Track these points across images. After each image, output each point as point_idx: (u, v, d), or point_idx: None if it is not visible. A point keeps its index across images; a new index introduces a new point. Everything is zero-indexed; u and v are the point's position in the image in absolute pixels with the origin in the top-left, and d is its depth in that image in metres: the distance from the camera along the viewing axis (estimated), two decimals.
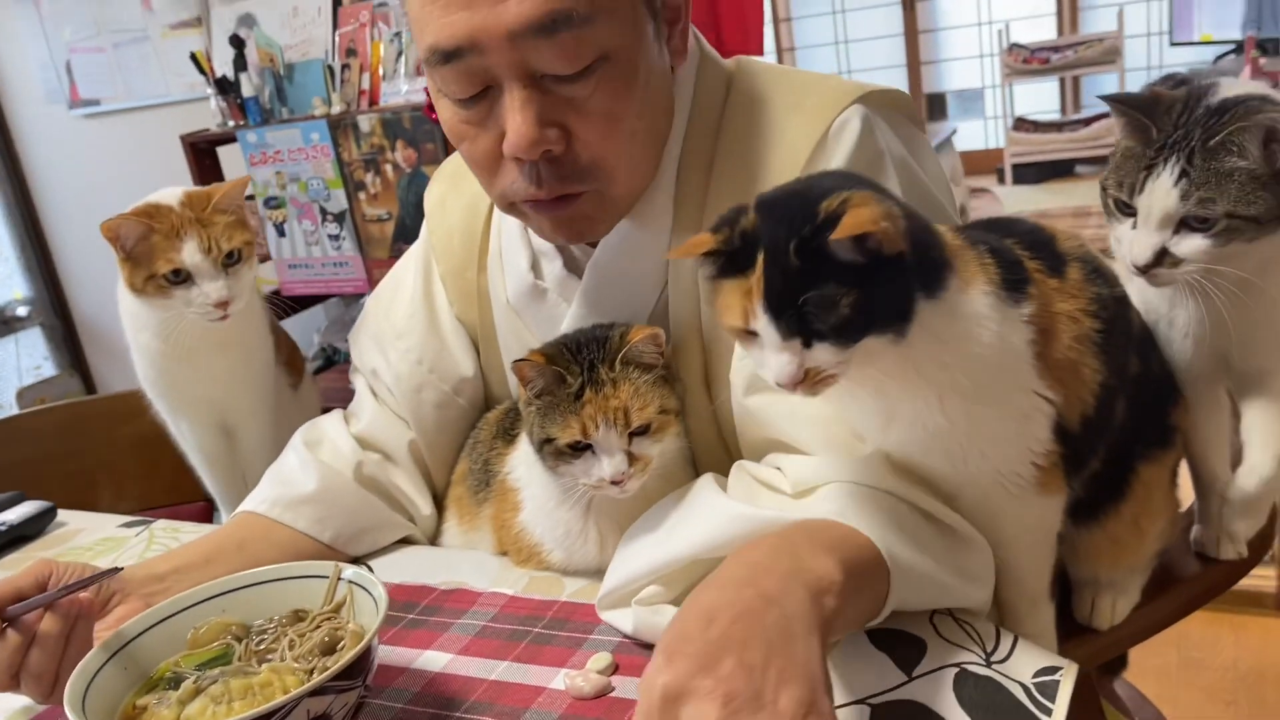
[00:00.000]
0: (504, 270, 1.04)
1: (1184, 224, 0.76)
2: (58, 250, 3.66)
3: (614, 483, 0.86)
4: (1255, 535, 1.01)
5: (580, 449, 0.87)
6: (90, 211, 3.49)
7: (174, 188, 1.26)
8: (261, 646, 0.80)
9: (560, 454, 0.88)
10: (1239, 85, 0.77)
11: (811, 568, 0.66)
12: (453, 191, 1.11)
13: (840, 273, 0.65)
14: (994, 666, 0.75)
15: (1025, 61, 6.00)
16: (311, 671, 0.74)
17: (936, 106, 6.76)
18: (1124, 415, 0.83)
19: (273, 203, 2.42)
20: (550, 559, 0.95)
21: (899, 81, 6.70)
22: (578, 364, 0.88)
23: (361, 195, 2.29)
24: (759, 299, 0.66)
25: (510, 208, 0.91)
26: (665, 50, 0.90)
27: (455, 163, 1.12)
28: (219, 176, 2.61)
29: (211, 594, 0.83)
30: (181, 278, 1.22)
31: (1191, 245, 0.76)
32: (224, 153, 2.62)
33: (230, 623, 0.82)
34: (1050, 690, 0.73)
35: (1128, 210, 0.79)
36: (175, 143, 2.63)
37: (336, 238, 2.37)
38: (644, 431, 0.87)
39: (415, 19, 0.84)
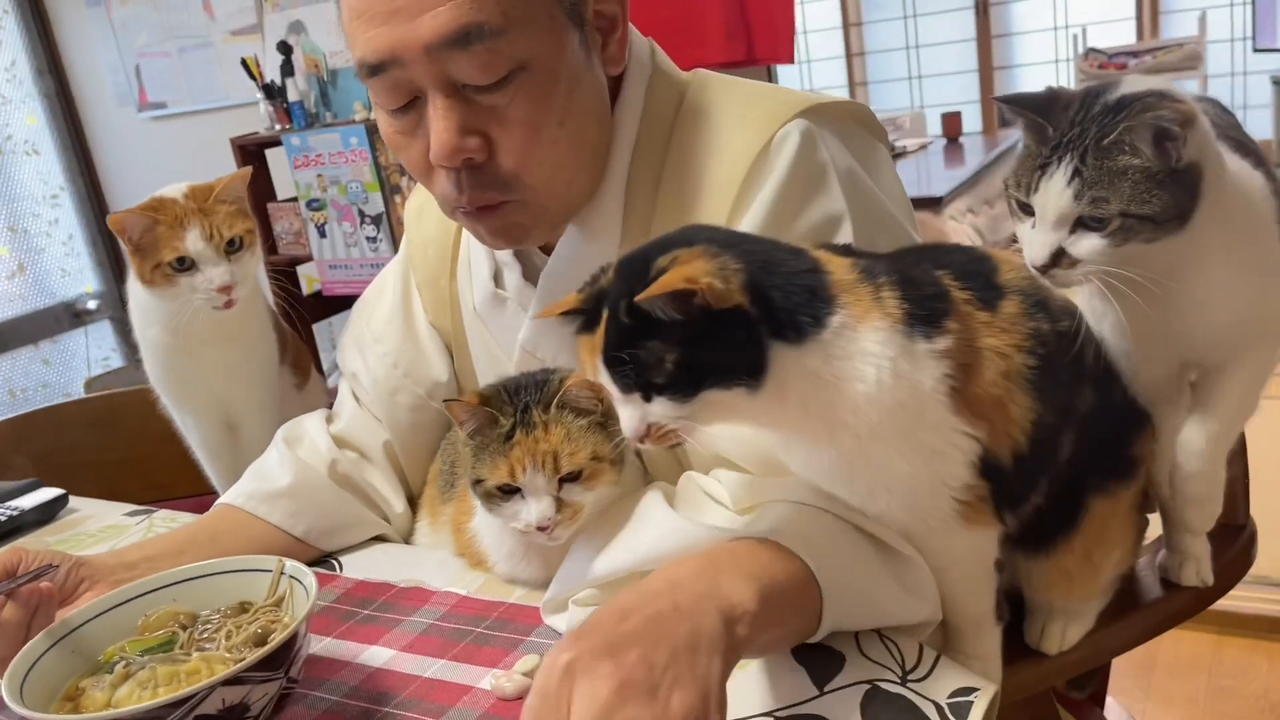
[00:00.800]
0: (471, 279, 1.07)
1: (1080, 224, 0.73)
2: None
3: (540, 529, 0.85)
4: (1230, 561, 0.99)
5: (509, 491, 0.86)
6: None
7: (181, 183, 1.31)
8: (204, 635, 0.83)
9: (490, 495, 0.87)
10: (1140, 82, 0.74)
11: (728, 594, 0.67)
12: (429, 203, 1.14)
13: (665, 330, 0.65)
14: (909, 685, 0.75)
15: (1101, 67, 5.84)
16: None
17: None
18: (1073, 449, 0.80)
19: (314, 204, 2.48)
20: (496, 570, 0.97)
21: (971, 87, 6.59)
22: (512, 405, 0.87)
23: (397, 198, 2.34)
24: (599, 355, 0.68)
25: (451, 215, 0.94)
26: (597, 59, 0.91)
27: None
28: (266, 178, 2.69)
29: (162, 584, 0.87)
30: (186, 265, 1.27)
31: (1088, 245, 0.73)
32: (271, 155, 2.70)
33: (179, 611, 0.86)
34: (963, 710, 0.72)
35: (1027, 210, 0.77)
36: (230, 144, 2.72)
37: (374, 239, 2.42)
38: (575, 478, 0.85)
39: (347, 35, 0.87)
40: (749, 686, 0.76)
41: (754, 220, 0.88)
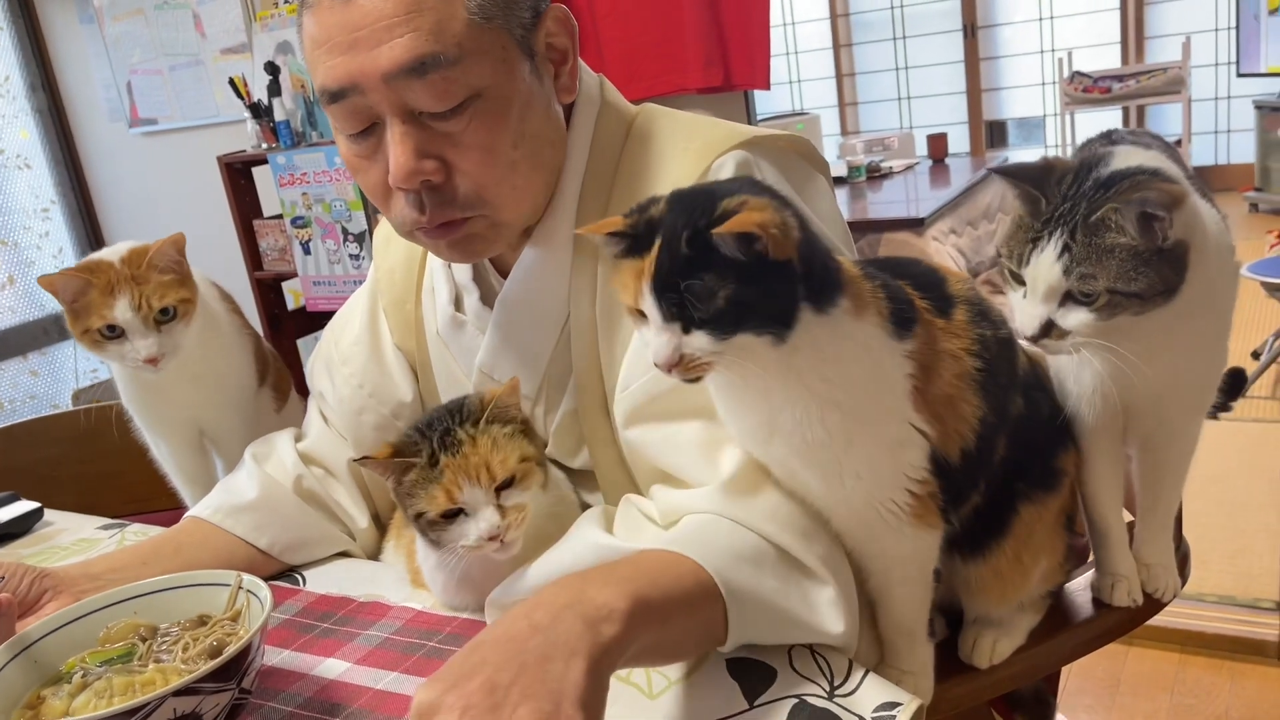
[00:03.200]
0: (435, 303, 1.10)
1: (1069, 297, 0.76)
2: None
3: (493, 538, 0.86)
4: (1164, 580, 1.02)
5: (452, 515, 0.87)
6: (146, 224, 3.68)
7: (123, 243, 1.29)
8: (163, 647, 0.86)
9: (435, 524, 0.88)
10: (1133, 156, 0.76)
11: (592, 598, 0.69)
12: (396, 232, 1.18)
13: (723, 266, 0.69)
14: (836, 699, 0.78)
15: (1086, 91, 5.92)
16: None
17: (996, 134, 6.70)
18: (1005, 452, 0.85)
19: (299, 222, 2.52)
20: (440, 599, 0.99)
21: (959, 109, 6.67)
22: (425, 439, 0.88)
23: (379, 217, 2.37)
24: (648, 280, 0.71)
25: (410, 235, 0.97)
26: (550, 87, 0.96)
27: None
28: (253, 196, 2.73)
29: (124, 597, 0.90)
30: (116, 333, 1.25)
31: (1076, 318, 0.76)
32: (258, 173, 2.74)
33: (139, 624, 0.88)
34: None
35: (1019, 279, 0.79)
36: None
37: (357, 257, 2.46)
38: (510, 484, 0.88)
39: (309, 62, 0.91)
40: (681, 701, 0.79)
41: None
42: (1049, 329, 0.78)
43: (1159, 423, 0.89)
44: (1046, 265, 0.76)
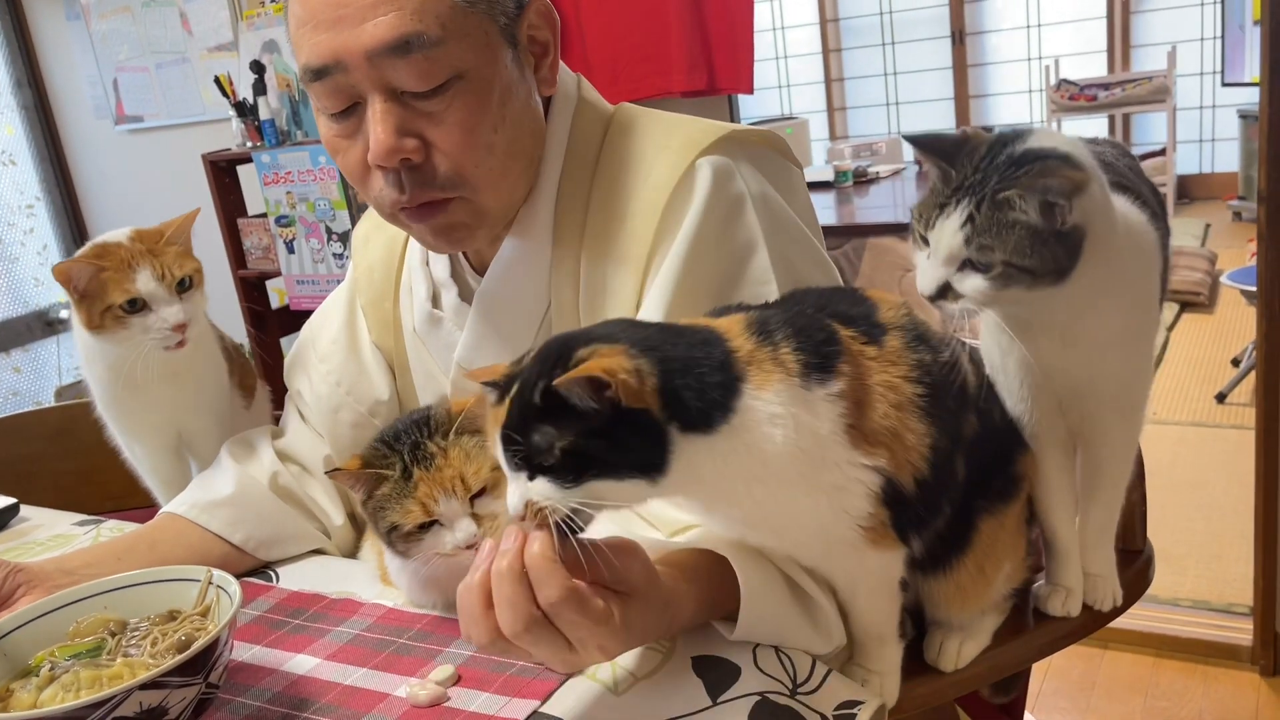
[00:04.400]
0: (412, 301, 1.11)
1: (968, 263, 0.78)
2: None
3: (469, 547, 0.87)
4: (1127, 583, 1.03)
5: (427, 526, 0.89)
6: (130, 221, 3.64)
7: (122, 228, 1.30)
8: (132, 642, 0.86)
9: (409, 536, 0.89)
10: (1048, 139, 0.78)
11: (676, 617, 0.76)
12: (376, 230, 1.19)
13: (571, 417, 0.67)
14: (798, 697, 0.79)
15: (1073, 98, 5.95)
16: None
17: None
18: (964, 473, 0.85)
19: (283, 221, 2.52)
20: (407, 598, 1.00)
21: (946, 115, 6.70)
22: (395, 453, 0.90)
23: (360, 216, 2.37)
24: (498, 430, 0.70)
25: (392, 218, 0.98)
26: (530, 78, 0.97)
27: None
28: (237, 194, 2.73)
29: (95, 591, 0.90)
30: (138, 307, 1.25)
31: (972, 284, 0.78)
32: (242, 171, 2.74)
33: (110, 619, 0.89)
34: None
35: (925, 242, 0.82)
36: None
37: (341, 256, 2.46)
38: (483, 493, 0.89)
39: (293, 40, 0.92)
40: (646, 698, 0.80)
41: (677, 254, 0.93)
42: (945, 291, 0.80)
43: (1083, 418, 0.89)
44: (950, 232, 0.78)
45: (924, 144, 0.81)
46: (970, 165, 0.78)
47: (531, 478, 0.69)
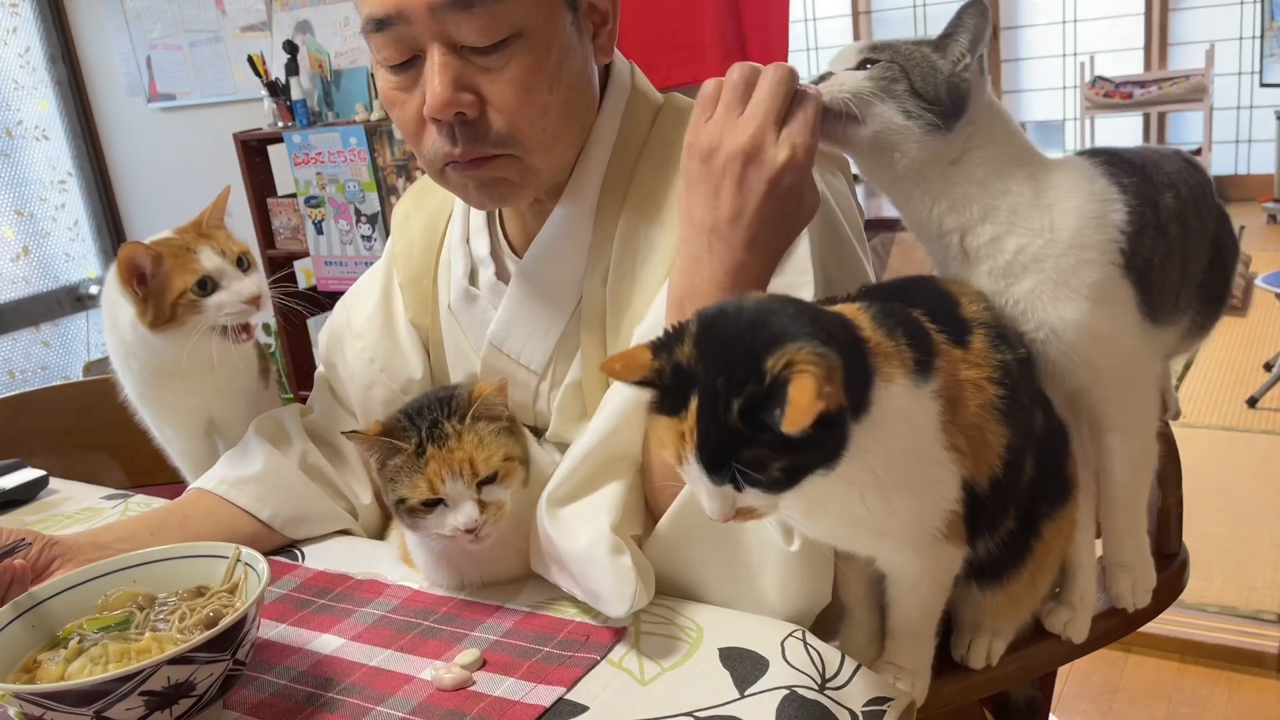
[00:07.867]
0: (449, 278, 1.11)
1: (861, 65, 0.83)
2: (131, 234, 3.87)
3: (469, 531, 0.88)
4: (1160, 587, 1.01)
5: (433, 504, 0.89)
6: (162, 199, 3.70)
7: (156, 233, 1.27)
8: (160, 617, 0.86)
9: (414, 511, 0.90)
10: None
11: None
12: (416, 208, 1.19)
13: (778, 439, 0.64)
14: (827, 692, 0.78)
15: (1107, 96, 5.89)
16: None
17: None
18: (1032, 473, 0.84)
19: (312, 201, 2.52)
20: (424, 577, 1.00)
21: None
22: (414, 427, 0.90)
23: (393, 198, 2.38)
24: (692, 448, 0.66)
25: (440, 175, 0.98)
26: (588, 44, 0.98)
27: (423, 182, 1.20)
28: (267, 174, 2.74)
29: (124, 565, 0.90)
30: (208, 289, 1.20)
31: (853, 78, 0.84)
32: (273, 151, 2.75)
33: (138, 593, 0.89)
34: (876, 719, 0.76)
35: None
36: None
37: (369, 238, 2.46)
38: (491, 480, 0.89)
39: None
40: (673, 688, 0.79)
41: None
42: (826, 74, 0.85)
43: (1086, 398, 0.88)
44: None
45: None
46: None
47: (739, 488, 0.67)
